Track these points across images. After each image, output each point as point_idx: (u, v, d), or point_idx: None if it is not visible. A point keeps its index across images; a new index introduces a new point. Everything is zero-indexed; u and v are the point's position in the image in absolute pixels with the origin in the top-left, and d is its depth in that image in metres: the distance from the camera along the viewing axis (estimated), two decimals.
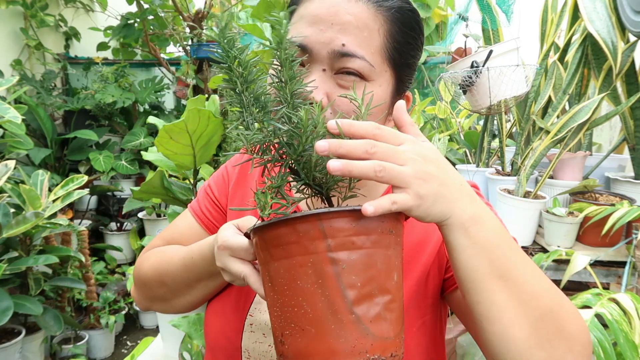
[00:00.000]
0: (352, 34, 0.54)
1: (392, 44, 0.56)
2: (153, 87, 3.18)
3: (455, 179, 0.44)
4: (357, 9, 0.54)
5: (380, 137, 0.41)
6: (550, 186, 1.59)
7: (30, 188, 1.92)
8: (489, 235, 0.44)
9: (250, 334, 0.61)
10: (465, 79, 1.54)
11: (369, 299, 0.39)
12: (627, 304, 1.02)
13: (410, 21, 0.58)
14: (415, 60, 0.61)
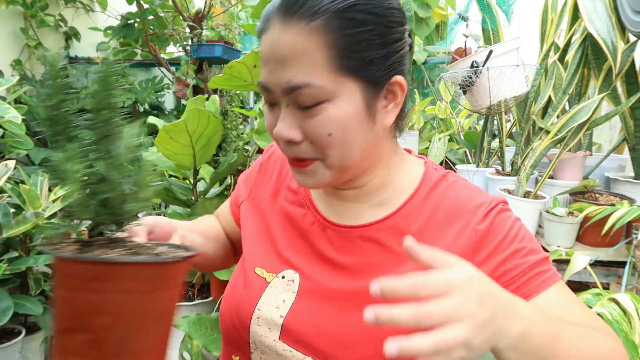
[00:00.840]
0: (293, 66, 0.52)
1: (338, 53, 0.51)
2: (153, 87, 3.18)
3: (504, 304, 0.42)
4: (291, 37, 0.51)
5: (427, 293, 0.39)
6: (550, 186, 1.59)
7: (30, 188, 1.92)
8: (535, 343, 0.44)
9: (257, 327, 0.62)
10: (465, 79, 1.54)
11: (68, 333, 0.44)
12: (627, 304, 1.02)
13: (354, 17, 0.51)
14: (380, 50, 0.53)
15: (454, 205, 0.61)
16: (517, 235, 0.59)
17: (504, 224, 0.60)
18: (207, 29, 2.61)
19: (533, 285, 0.57)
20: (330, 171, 0.57)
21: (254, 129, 2.12)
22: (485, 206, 0.60)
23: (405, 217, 0.62)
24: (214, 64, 2.74)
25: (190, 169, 1.98)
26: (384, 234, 0.61)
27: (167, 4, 2.90)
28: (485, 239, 0.58)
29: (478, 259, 0.58)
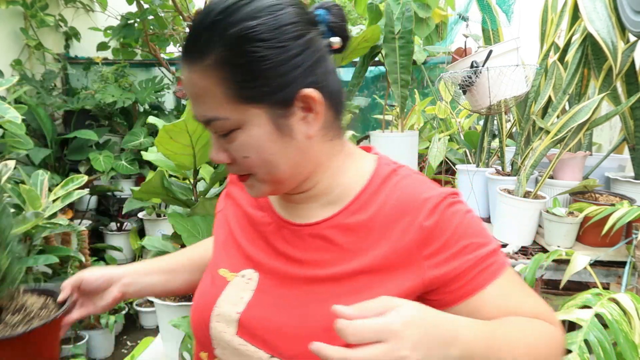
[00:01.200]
0: (201, 103, 0.57)
1: (234, 86, 0.54)
2: (153, 87, 3.18)
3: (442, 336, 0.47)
4: (193, 77, 0.56)
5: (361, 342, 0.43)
6: (550, 186, 1.59)
7: (30, 188, 1.92)
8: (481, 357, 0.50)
9: (217, 324, 0.65)
10: (465, 79, 1.54)
11: None
12: (627, 304, 1.02)
13: (243, 49, 0.53)
14: (276, 73, 0.55)
15: (401, 200, 0.62)
16: (466, 230, 0.61)
17: (452, 219, 0.61)
18: None
19: (480, 280, 0.59)
20: (265, 184, 0.61)
21: None
22: (432, 201, 0.61)
23: (352, 213, 0.64)
24: None
25: (190, 169, 1.97)
26: (331, 230, 0.64)
27: (167, 4, 2.90)
28: (432, 234, 0.60)
29: (426, 252, 0.60)
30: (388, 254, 0.61)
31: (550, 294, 1.51)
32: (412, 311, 0.46)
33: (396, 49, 1.97)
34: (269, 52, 0.54)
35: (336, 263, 0.62)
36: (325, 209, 0.66)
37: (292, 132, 0.58)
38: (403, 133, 2.10)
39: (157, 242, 1.82)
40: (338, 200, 0.66)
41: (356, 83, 2.37)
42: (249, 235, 0.71)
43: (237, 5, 0.54)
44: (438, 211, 0.61)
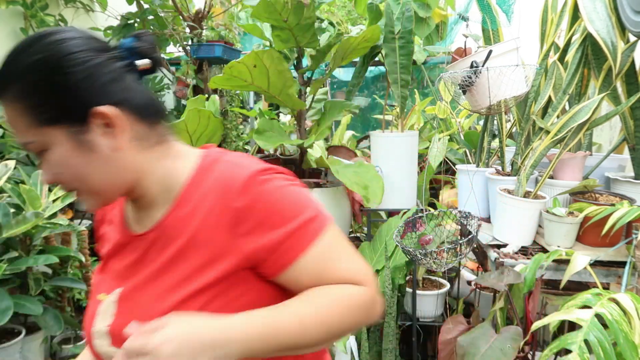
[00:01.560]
0: (14, 129, 0.65)
1: (32, 112, 0.63)
2: (153, 87, 3.18)
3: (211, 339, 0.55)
4: (3, 109, 0.64)
5: None
6: (550, 186, 1.59)
7: (30, 188, 1.92)
8: (263, 347, 0.59)
9: (96, 341, 0.72)
10: (465, 79, 1.54)
11: None
12: (627, 304, 1.02)
13: (30, 81, 0.62)
14: (64, 97, 0.63)
15: (217, 185, 0.68)
16: (276, 204, 0.66)
17: (262, 195, 0.66)
18: (207, 29, 2.61)
19: (292, 252, 0.65)
20: (88, 197, 0.69)
21: (254, 129, 2.12)
22: (241, 181, 0.66)
23: (181, 207, 0.70)
24: (214, 64, 2.73)
25: None
26: (168, 227, 0.70)
27: (167, 4, 2.90)
28: (243, 214, 0.65)
29: (240, 231, 0.65)
30: (209, 240, 0.66)
31: (550, 294, 1.51)
32: (173, 329, 0.55)
33: (396, 49, 1.97)
34: (56, 78, 0.63)
35: (166, 259, 0.69)
36: (161, 210, 0.72)
37: (95, 147, 0.65)
38: (403, 133, 2.10)
39: None
40: (168, 199, 0.72)
41: (356, 83, 2.37)
42: (117, 255, 0.77)
43: (28, 43, 0.63)
44: (248, 190, 0.65)
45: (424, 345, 2.19)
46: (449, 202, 2.32)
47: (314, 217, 0.67)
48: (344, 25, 2.40)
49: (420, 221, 1.73)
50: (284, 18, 1.81)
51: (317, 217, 0.67)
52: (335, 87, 4.11)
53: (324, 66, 2.72)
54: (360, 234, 2.71)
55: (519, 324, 1.21)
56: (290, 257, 0.65)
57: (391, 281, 1.72)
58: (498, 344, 1.13)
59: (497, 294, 1.38)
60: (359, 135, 3.33)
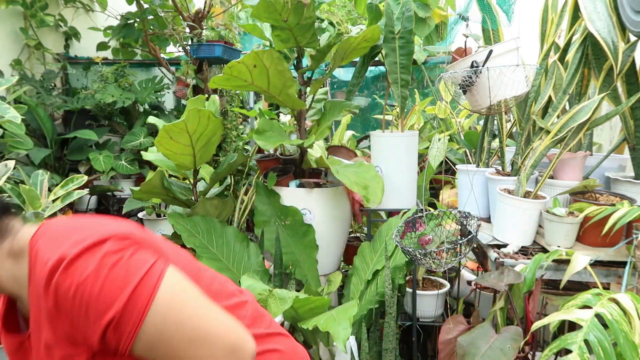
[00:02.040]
0: None
1: None
2: (153, 87, 3.18)
3: None
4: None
5: None
6: (551, 186, 1.59)
7: (30, 188, 1.92)
8: None
9: None
10: (465, 79, 1.54)
11: None
12: (627, 304, 1.02)
13: None
14: None
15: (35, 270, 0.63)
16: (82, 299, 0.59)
17: (68, 292, 0.59)
18: (207, 29, 2.61)
19: (123, 340, 0.60)
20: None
21: (253, 129, 2.12)
22: (44, 275, 0.60)
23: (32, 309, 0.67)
24: (214, 64, 2.73)
25: (190, 169, 1.97)
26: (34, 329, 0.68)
27: (167, 4, 2.90)
28: (58, 317, 0.61)
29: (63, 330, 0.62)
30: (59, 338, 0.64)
31: (550, 294, 1.51)
32: None
33: (396, 49, 1.97)
34: None
35: None
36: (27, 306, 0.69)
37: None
38: (403, 133, 2.10)
39: None
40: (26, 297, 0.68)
41: (356, 83, 2.37)
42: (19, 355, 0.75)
43: None
44: (51, 288, 0.59)
45: (424, 345, 2.19)
46: (449, 202, 2.32)
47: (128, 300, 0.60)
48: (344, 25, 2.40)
49: (420, 221, 1.73)
50: (284, 18, 1.81)
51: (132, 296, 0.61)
52: (335, 87, 4.11)
53: (324, 66, 2.72)
54: (360, 234, 2.71)
55: (519, 324, 1.21)
56: (124, 347, 0.61)
57: (391, 281, 1.72)
58: (498, 344, 1.12)
59: (497, 294, 1.38)
60: (359, 135, 3.33)
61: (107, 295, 0.59)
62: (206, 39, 2.59)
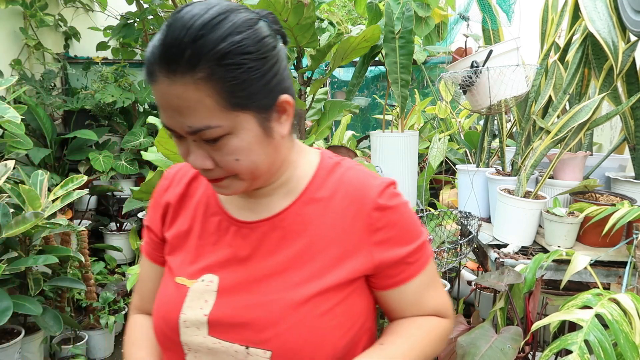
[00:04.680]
0: (189, 114, 0.57)
1: (226, 95, 0.57)
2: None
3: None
4: (180, 90, 0.56)
5: None
6: (551, 186, 1.59)
7: (30, 188, 1.92)
8: None
9: (186, 329, 0.68)
10: (466, 78, 1.53)
11: None
12: (628, 304, 1.02)
13: (232, 62, 0.56)
14: (261, 81, 0.60)
15: (349, 190, 0.70)
16: (407, 221, 0.71)
17: (397, 209, 0.70)
18: None
19: (410, 271, 0.71)
20: (243, 182, 0.65)
21: None
22: (377, 189, 0.69)
23: (306, 203, 0.71)
24: None
25: None
26: (287, 221, 0.70)
27: (167, 4, 2.90)
28: (379, 222, 0.68)
29: (374, 240, 0.68)
30: (342, 239, 0.68)
31: (550, 294, 1.50)
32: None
33: (396, 48, 1.97)
34: (254, 63, 0.58)
35: (293, 251, 0.68)
36: (282, 200, 0.71)
37: (272, 133, 0.64)
38: (403, 133, 2.10)
39: None
40: (293, 191, 0.72)
41: (356, 83, 2.37)
42: (205, 241, 0.74)
43: (217, 20, 0.56)
44: (384, 200, 0.69)
45: None
46: (449, 202, 2.32)
47: (427, 240, 0.73)
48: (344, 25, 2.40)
49: (421, 221, 1.73)
50: (284, 18, 1.81)
51: (427, 241, 0.73)
52: (335, 87, 4.11)
53: (324, 66, 2.72)
54: None
55: (519, 324, 1.21)
56: (408, 275, 0.71)
57: None
58: (498, 344, 1.12)
59: (498, 294, 1.38)
60: (359, 135, 3.33)
61: (418, 226, 0.73)
62: None
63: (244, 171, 0.63)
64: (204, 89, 0.56)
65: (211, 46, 0.55)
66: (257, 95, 0.60)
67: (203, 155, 0.61)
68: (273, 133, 0.64)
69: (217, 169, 0.63)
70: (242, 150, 0.61)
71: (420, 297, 0.73)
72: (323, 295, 0.66)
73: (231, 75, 0.56)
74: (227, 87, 0.57)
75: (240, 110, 0.59)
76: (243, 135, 0.60)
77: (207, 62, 0.55)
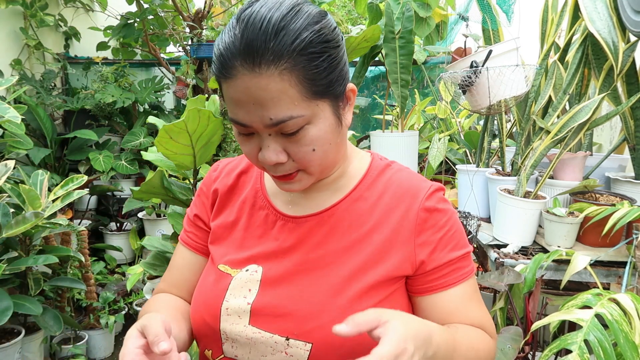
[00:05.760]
0: (273, 106, 0.57)
1: (308, 84, 0.58)
2: (153, 87, 3.18)
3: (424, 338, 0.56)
4: (264, 82, 0.56)
5: None
6: (551, 186, 1.59)
7: (30, 188, 1.92)
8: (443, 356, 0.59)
9: (227, 317, 0.68)
10: (465, 78, 1.53)
11: None
12: (628, 304, 1.02)
13: (314, 51, 0.58)
14: (336, 68, 0.62)
15: (399, 190, 0.71)
16: (453, 228, 0.70)
17: (444, 213, 0.70)
18: (207, 28, 2.61)
19: (452, 278, 0.69)
20: (312, 176, 0.66)
21: None
22: (426, 192, 0.70)
23: (354, 200, 0.71)
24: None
25: (190, 169, 1.97)
26: (337, 215, 0.71)
27: (167, 3, 2.90)
28: (426, 223, 0.68)
29: (419, 240, 0.68)
30: (388, 236, 0.68)
31: (550, 294, 1.51)
32: (403, 325, 0.54)
33: (396, 48, 1.97)
34: (332, 51, 0.61)
35: (339, 246, 0.69)
36: (332, 196, 0.72)
37: (342, 122, 0.66)
38: (403, 133, 2.10)
39: (156, 242, 1.81)
40: (343, 188, 0.73)
41: (356, 83, 2.37)
42: (251, 234, 0.75)
43: (294, 11, 0.58)
44: (432, 202, 0.69)
45: None
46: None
47: (471, 252, 0.72)
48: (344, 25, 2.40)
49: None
50: None
51: (470, 254, 0.72)
52: None
53: None
54: None
55: (519, 324, 1.21)
56: (448, 283, 0.69)
57: None
58: (498, 344, 1.12)
59: (498, 294, 1.38)
60: (359, 135, 3.33)
61: (464, 235, 0.73)
62: (206, 38, 2.59)
63: (317, 163, 0.63)
64: (288, 79, 0.57)
65: (294, 36, 0.56)
66: (335, 83, 0.62)
67: (278, 149, 0.61)
68: (342, 122, 0.66)
69: (288, 163, 0.63)
70: (319, 139, 0.61)
71: (463, 307, 0.70)
72: (366, 291, 0.66)
73: (313, 64, 0.58)
74: (309, 75, 0.58)
75: (320, 98, 0.60)
76: (321, 125, 0.61)
77: (290, 53, 0.56)
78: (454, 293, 0.69)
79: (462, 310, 0.69)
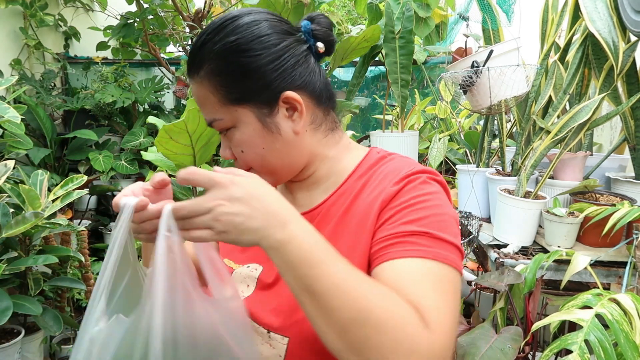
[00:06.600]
0: (202, 108, 0.69)
1: (225, 90, 0.65)
2: (153, 87, 3.18)
3: (265, 211, 0.52)
4: (195, 88, 0.68)
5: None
6: (551, 186, 1.59)
7: (30, 188, 1.92)
8: (295, 254, 0.51)
9: None
10: (466, 78, 1.53)
11: None
12: (628, 304, 1.02)
13: (226, 60, 0.64)
14: (255, 77, 0.65)
15: (381, 177, 0.69)
16: (419, 203, 0.62)
17: (415, 190, 0.64)
18: None
19: (398, 249, 0.59)
20: (266, 176, 0.67)
21: None
22: (405, 171, 0.66)
23: (341, 195, 0.72)
24: None
25: None
26: (323, 212, 0.71)
27: (167, 3, 2.89)
28: (393, 198, 0.64)
29: (381, 217, 0.64)
30: (360, 226, 0.66)
31: (550, 294, 1.50)
32: (246, 181, 0.53)
33: (396, 48, 1.97)
34: (248, 60, 0.64)
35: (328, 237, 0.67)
36: (323, 193, 0.74)
37: (279, 129, 0.67)
38: (403, 133, 2.10)
39: None
40: (334, 184, 0.74)
41: (356, 83, 2.37)
42: None
43: (222, 25, 0.65)
44: (406, 180, 0.66)
45: None
46: None
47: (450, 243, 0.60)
48: (344, 25, 2.40)
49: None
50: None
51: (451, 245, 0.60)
52: (336, 87, 4.11)
53: (324, 66, 2.71)
54: None
55: (519, 324, 1.21)
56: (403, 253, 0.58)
57: None
58: (498, 344, 1.12)
59: (498, 294, 1.38)
60: (359, 135, 3.33)
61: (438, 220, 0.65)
62: None
63: (254, 164, 0.69)
64: (207, 86, 0.66)
65: (210, 48, 0.65)
66: (252, 90, 0.65)
67: (225, 145, 0.70)
68: (280, 129, 0.67)
69: (236, 161, 0.70)
70: (244, 142, 0.67)
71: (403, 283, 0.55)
72: None
73: (226, 71, 0.64)
74: (224, 83, 0.65)
75: (238, 105, 0.66)
76: (244, 129, 0.67)
77: (207, 62, 0.65)
78: (405, 265, 0.57)
79: (402, 286, 0.55)
